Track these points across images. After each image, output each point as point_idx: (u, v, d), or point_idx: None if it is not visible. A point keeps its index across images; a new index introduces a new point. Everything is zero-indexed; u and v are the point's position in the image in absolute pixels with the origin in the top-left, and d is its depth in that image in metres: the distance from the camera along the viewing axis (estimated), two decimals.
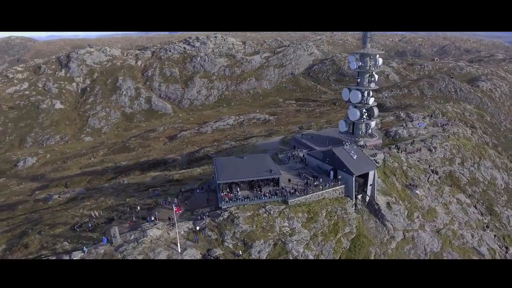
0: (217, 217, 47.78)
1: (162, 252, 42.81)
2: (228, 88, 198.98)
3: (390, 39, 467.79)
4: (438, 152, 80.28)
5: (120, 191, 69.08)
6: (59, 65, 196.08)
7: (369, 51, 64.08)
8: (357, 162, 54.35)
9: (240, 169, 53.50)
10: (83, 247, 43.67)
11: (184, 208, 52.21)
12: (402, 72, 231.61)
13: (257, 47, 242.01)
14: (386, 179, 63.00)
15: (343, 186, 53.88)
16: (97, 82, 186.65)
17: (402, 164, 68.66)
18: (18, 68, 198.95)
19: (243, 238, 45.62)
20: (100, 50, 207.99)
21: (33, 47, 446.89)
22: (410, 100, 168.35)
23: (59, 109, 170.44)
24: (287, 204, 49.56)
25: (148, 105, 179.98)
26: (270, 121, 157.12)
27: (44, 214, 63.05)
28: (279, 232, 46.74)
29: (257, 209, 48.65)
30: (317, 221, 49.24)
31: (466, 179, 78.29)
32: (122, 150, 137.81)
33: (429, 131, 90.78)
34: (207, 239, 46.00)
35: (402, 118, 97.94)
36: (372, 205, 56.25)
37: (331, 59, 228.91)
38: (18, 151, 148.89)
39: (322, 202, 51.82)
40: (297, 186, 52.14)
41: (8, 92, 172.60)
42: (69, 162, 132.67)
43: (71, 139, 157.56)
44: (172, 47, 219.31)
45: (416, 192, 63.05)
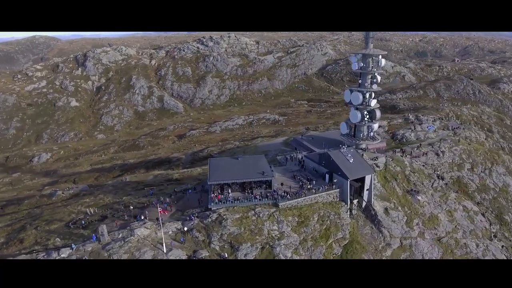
0: (205, 218, 47.47)
1: (148, 252, 42.84)
2: (240, 88, 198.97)
3: (410, 39, 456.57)
4: (446, 157, 77.29)
5: (119, 189, 69.97)
6: (76, 63, 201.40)
7: (371, 51, 62.20)
8: (353, 166, 52.82)
9: (232, 170, 52.97)
10: (71, 244, 44.36)
11: (176, 208, 52.28)
12: (419, 73, 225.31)
13: (271, 47, 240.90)
14: (386, 184, 61.04)
15: (338, 190, 52.48)
16: (111, 80, 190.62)
17: (405, 169, 66.38)
18: (38, 67, 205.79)
19: (230, 241, 45.13)
20: (116, 50, 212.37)
21: (56, 46, 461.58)
22: (426, 102, 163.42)
23: (74, 106, 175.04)
24: (278, 207, 48.69)
25: (160, 103, 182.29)
26: (280, 122, 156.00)
27: (45, 210, 64.56)
28: (267, 236, 45.96)
29: (247, 211, 48.03)
30: (308, 225, 48.14)
31: (475, 185, 75.00)
32: (132, 148, 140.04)
33: (438, 135, 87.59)
34: (194, 240, 45.77)
35: (411, 121, 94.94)
36: (369, 210, 54.55)
37: (345, 59, 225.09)
38: (34, 147, 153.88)
39: (315, 206, 50.62)
40: (289, 189, 51.16)
41: (27, 89, 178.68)
42: (80, 159, 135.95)
43: (85, 136, 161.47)
44: (185, 46, 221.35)
45: (417, 198, 60.78)
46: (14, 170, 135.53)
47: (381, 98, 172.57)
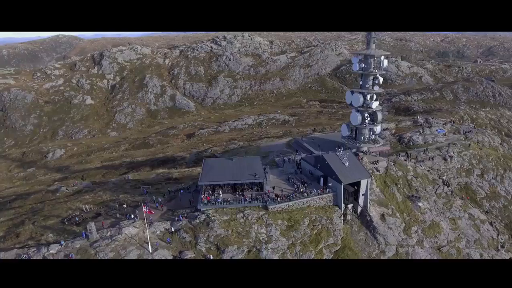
0: (194, 219, 47.23)
1: (133, 251, 42.98)
2: (252, 87, 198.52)
3: (431, 39, 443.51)
4: (454, 162, 74.32)
5: (118, 187, 70.84)
6: (93, 62, 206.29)
7: (373, 52, 60.36)
8: (348, 170, 51.35)
9: (225, 171, 52.57)
10: (61, 241, 45.09)
11: (167, 208, 52.32)
12: (437, 74, 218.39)
13: (284, 47, 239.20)
14: (386, 189, 59.09)
15: (332, 194, 51.14)
16: (126, 79, 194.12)
17: (408, 173, 64.11)
18: (56, 65, 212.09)
19: (217, 243, 44.70)
20: (131, 49, 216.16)
21: (78, 45, 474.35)
22: (442, 104, 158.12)
23: (89, 104, 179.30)
24: (267, 210, 47.89)
25: (172, 102, 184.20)
26: (290, 122, 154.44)
27: (46, 205, 66.02)
28: (254, 239, 45.25)
29: (236, 213, 47.48)
30: (298, 229, 47.10)
31: (484, 192, 71.77)
32: (142, 146, 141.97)
33: (448, 139, 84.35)
34: (181, 241, 45.59)
35: (420, 124, 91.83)
36: (364, 216, 52.94)
37: None
38: (49, 143, 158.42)
39: (307, 210, 49.49)
40: (281, 192, 50.24)
41: (45, 87, 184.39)
42: (92, 156, 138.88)
43: (98, 134, 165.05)
44: (199, 46, 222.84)
45: (418, 205, 58.55)
46: (29, 165, 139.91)
47: (395, 100, 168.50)
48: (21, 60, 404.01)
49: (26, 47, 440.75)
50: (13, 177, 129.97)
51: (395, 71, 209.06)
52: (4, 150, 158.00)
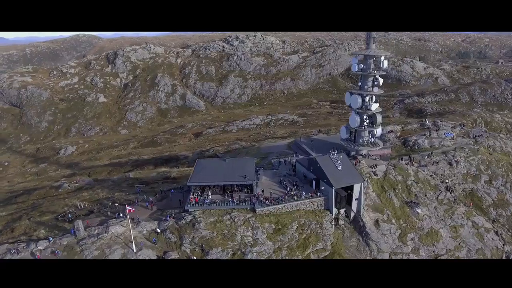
0: (180, 219, 47.04)
1: (118, 250, 43.15)
2: (262, 87, 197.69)
3: (451, 39, 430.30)
4: (461, 167, 71.42)
5: (116, 184, 71.59)
6: (107, 61, 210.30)
7: (373, 52, 58.55)
8: (341, 174, 49.99)
9: (216, 172, 52.16)
10: (49, 237, 45.76)
11: (157, 207, 52.33)
12: (454, 76, 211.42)
13: (297, 47, 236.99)
14: (382, 194, 57.25)
15: (323, 198, 49.90)
16: (138, 78, 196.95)
17: (408, 178, 61.95)
18: (72, 64, 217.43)
19: (201, 244, 44.38)
20: (145, 48, 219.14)
21: (98, 44, 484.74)
22: (457, 106, 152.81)
23: (102, 102, 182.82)
24: (255, 213, 47.14)
25: (182, 101, 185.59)
26: (298, 123, 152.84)
27: (46, 201, 67.42)
28: (240, 242, 44.65)
29: (223, 215, 46.98)
30: (285, 233, 46.16)
31: (491, 199, 68.59)
32: (150, 144, 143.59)
33: (456, 142, 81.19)
34: (167, 241, 45.46)
35: (427, 127, 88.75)
36: (357, 221, 51.40)
37: None
38: (62, 139, 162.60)
39: (296, 213, 48.47)
40: (270, 195, 49.37)
41: (60, 85, 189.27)
42: (102, 153, 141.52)
43: (109, 131, 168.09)
44: (211, 45, 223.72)
45: (416, 211, 56.44)
46: (42, 160, 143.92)
47: (408, 101, 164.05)
48: (43, 59, 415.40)
49: (47, 46, 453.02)
50: (26, 172, 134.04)
51: (410, 71, 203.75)
52: (19, 146, 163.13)
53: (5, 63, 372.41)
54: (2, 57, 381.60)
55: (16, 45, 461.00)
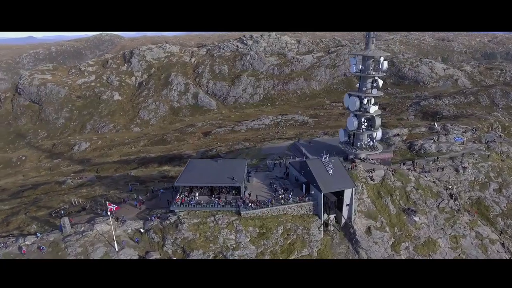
0: (165, 219, 46.81)
1: (100, 248, 43.41)
2: (275, 87, 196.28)
3: (477, 39, 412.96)
4: (468, 174, 68.07)
5: (115, 182, 72.45)
6: (123, 60, 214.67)
7: (371, 53, 56.41)
8: (331, 178, 48.38)
9: (205, 173, 51.77)
10: (37, 233, 46.63)
11: (146, 207, 52.37)
12: (475, 77, 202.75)
13: (312, 46, 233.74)
14: (378, 200, 55.08)
15: (312, 203, 48.47)
16: (152, 77, 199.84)
17: (407, 184, 59.37)
18: (90, 62, 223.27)
19: (183, 246, 43.97)
20: (160, 47, 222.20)
21: (119, 43, 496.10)
22: (476, 109, 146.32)
23: (116, 100, 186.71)
24: (240, 216, 46.31)
25: (194, 100, 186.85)
26: (308, 124, 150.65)
27: (47, 197, 69.08)
28: (222, 245, 43.96)
29: (207, 216, 46.43)
30: (269, 238, 45.10)
31: (500, 209, 64.90)
32: (159, 142, 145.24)
33: (466, 148, 77.51)
34: (150, 241, 45.36)
35: (435, 131, 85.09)
36: (348, 228, 49.63)
37: (391, 61, 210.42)
38: (77, 136, 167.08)
39: (282, 218, 47.28)
40: (256, 198, 48.39)
41: (78, 83, 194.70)
42: (113, 150, 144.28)
43: (122, 129, 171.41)
44: (225, 45, 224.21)
45: (414, 219, 53.98)
46: (57, 156, 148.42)
47: (424, 103, 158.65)
48: (67, 57, 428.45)
49: (72, 45, 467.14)
50: (40, 167, 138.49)
51: (428, 73, 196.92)
52: (37, 141, 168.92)
53: (32, 61, 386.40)
54: (29, 55, 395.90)
55: (43, 44, 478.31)
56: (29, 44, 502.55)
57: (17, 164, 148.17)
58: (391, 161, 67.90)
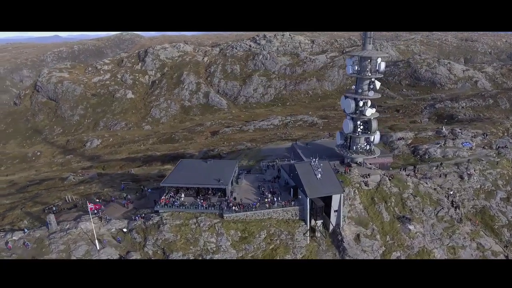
0: (148, 220, 46.64)
1: (82, 247, 43.71)
2: (286, 87, 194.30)
3: (503, 39, 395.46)
4: (473, 181, 64.82)
5: (112, 180, 73.20)
6: (138, 59, 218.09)
7: (368, 53, 54.35)
8: (319, 183, 46.91)
9: (192, 174, 51.39)
10: (25, 228, 47.45)
11: (133, 206, 52.43)
12: (497, 79, 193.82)
13: (326, 46, 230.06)
14: (371, 206, 53.07)
15: (298, 207, 47.15)
16: (165, 75, 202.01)
17: (405, 191, 56.99)
18: (106, 61, 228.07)
19: (163, 247, 43.64)
20: (174, 46, 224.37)
21: (139, 43, 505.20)
22: (495, 113, 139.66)
23: (130, 98, 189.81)
24: (222, 219, 45.55)
25: (205, 99, 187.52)
26: (317, 125, 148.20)
27: (46, 193, 70.58)
28: (202, 247, 43.37)
29: (190, 218, 45.95)
30: (251, 242, 44.14)
31: (506, 219, 61.37)
32: (168, 141, 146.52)
33: (474, 153, 73.88)
34: (132, 241, 45.30)
35: (443, 135, 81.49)
36: (336, 234, 47.98)
37: (407, 61, 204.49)
38: (90, 133, 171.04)
39: (266, 222, 46.21)
40: (240, 200, 47.51)
41: (93, 81, 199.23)
42: (123, 147, 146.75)
43: (134, 127, 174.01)
44: (238, 44, 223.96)
45: (408, 227, 51.68)
46: (70, 152, 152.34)
47: (440, 106, 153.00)
48: (89, 56, 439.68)
49: (94, 44, 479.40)
50: (53, 162, 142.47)
51: (446, 74, 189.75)
52: (53, 137, 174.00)
53: (55, 60, 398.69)
54: (53, 53, 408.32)
55: (66, 43, 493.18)
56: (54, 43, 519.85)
57: (32, 159, 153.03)
58: (390, 166, 65.48)
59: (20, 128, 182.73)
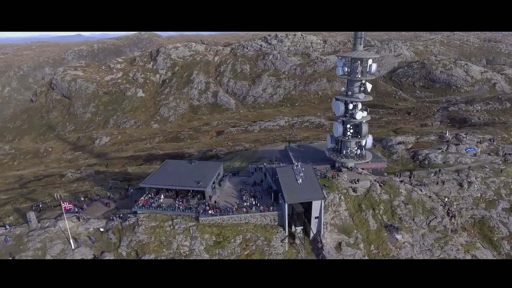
0: (125, 220, 46.38)
1: (58, 245, 43.92)
2: (296, 87, 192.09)
3: None
4: (473, 189, 61.53)
5: (103, 179, 73.71)
6: (150, 58, 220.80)
7: (358, 54, 52.28)
8: (300, 188, 45.39)
9: (174, 175, 50.87)
10: (6, 225, 48.13)
11: (115, 206, 52.35)
12: None
13: (339, 46, 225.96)
14: (357, 213, 51.03)
15: (276, 213, 45.77)
16: (175, 75, 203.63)
17: (396, 198, 54.55)
18: (119, 60, 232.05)
19: (137, 249, 43.22)
20: (186, 46, 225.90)
21: (157, 42, 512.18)
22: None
23: (140, 97, 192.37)
24: (198, 222, 44.74)
25: (214, 99, 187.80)
26: (324, 126, 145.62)
27: (42, 189, 71.81)
28: (175, 251, 42.71)
29: (165, 220, 45.38)
30: (225, 247, 43.11)
31: (507, 231, 57.77)
32: (173, 140, 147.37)
33: (478, 160, 70.26)
34: (108, 241, 45.14)
35: (446, 140, 77.88)
36: (316, 242, 46.31)
37: (421, 62, 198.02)
38: (100, 130, 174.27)
39: (243, 227, 45.06)
40: (217, 204, 46.55)
41: (106, 79, 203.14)
42: (130, 145, 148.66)
43: (142, 125, 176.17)
44: (249, 44, 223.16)
45: (395, 237, 49.37)
46: (79, 149, 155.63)
47: (453, 109, 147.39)
48: (108, 54, 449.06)
49: (113, 43, 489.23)
50: (62, 158, 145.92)
51: (463, 76, 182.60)
52: (65, 134, 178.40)
53: (76, 58, 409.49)
54: (74, 52, 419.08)
55: (87, 42, 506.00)
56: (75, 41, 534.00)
57: (44, 154, 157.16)
58: (384, 171, 62.98)
59: (35, 124, 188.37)
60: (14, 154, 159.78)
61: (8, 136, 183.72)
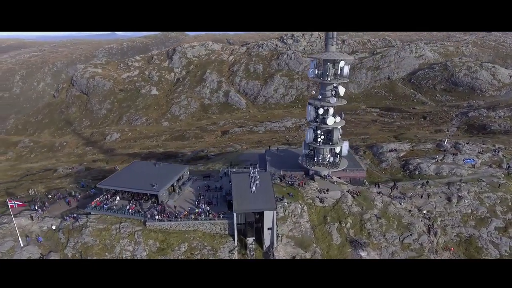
0: (77, 221, 45.94)
1: (8, 243, 44.16)
2: (309, 88, 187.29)
3: None
4: (463, 205, 56.25)
5: (84, 176, 74.41)
6: (167, 56, 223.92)
7: (328, 55, 48.79)
8: (252, 197, 42.95)
9: (134, 177, 50.01)
10: None
11: (76, 205, 52.18)
12: None
13: (357, 47, 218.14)
14: (320, 226, 47.70)
15: (227, 222, 43.56)
16: (189, 73, 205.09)
17: (368, 211, 50.61)
18: (137, 58, 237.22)
19: (81, 251, 42.58)
20: (202, 45, 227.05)
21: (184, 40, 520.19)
22: None
23: (154, 95, 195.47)
24: (145, 226, 43.43)
25: (225, 98, 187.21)
26: None
27: (28, 183, 73.67)
28: (117, 255, 41.68)
29: (114, 223, 44.44)
30: (169, 254, 41.50)
31: (497, 253, 52.14)
32: (179, 138, 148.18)
33: (475, 172, 64.24)
34: (57, 241, 44.87)
35: (443, 148, 71.82)
36: (268, 255, 43.61)
37: (444, 64, 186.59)
38: (113, 126, 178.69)
39: (190, 234, 43.23)
40: (169, 208, 44.99)
41: (123, 77, 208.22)
42: (137, 142, 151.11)
43: (153, 122, 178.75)
44: (265, 43, 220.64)
45: (359, 254, 45.61)
46: (91, 144, 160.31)
47: (473, 114, 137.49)
48: (136, 52, 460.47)
49: (141, 41, 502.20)
50: (73, 153, 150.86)
51: (489, 79, 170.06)
52: (81, 129, 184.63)
53: (106, 56, 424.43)
54: (104, 50, 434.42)
55: (117, 40, 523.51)
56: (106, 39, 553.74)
57: (58, 148, 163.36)
58: (364, 181, 58.86)
59: (54, 119, 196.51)
60: (32, 147, 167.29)
61: (29, 130, 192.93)
